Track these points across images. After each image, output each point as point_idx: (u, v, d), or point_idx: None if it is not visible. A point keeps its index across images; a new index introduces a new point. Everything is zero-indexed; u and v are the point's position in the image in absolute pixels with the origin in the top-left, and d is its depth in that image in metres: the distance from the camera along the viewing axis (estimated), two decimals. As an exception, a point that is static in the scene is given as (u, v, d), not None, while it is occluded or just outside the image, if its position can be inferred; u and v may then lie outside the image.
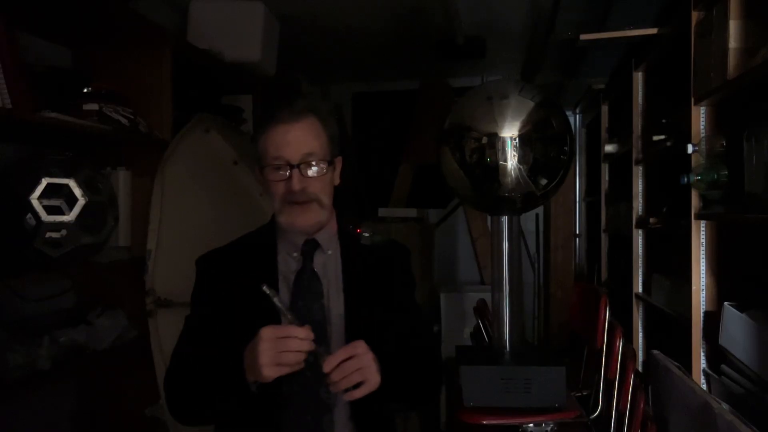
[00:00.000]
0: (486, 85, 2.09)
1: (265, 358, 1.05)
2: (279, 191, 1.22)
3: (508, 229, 1.72)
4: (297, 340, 1.07)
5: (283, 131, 1.22)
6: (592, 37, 2.67)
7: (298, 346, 1.06)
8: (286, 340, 1.06)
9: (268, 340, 1.06)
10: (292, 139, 1.21)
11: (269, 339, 1.06)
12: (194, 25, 2.75)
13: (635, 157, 2.84)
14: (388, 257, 1.37)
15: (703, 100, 1.96)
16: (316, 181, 1.23)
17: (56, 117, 1.79)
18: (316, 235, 1.29)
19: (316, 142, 1.24)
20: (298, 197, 1.21)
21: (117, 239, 2.16)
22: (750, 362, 1.67)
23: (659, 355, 2.15)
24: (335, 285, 1.28)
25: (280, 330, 1.08)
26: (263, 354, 1.06)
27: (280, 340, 1.06)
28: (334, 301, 1.27)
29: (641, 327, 2.86)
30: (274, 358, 1.06)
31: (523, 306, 1.84)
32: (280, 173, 1.21)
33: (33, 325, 1.97)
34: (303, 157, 1.21)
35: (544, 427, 1.67)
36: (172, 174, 2.19)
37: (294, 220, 1.23)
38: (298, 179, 1.20)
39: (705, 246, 2.01)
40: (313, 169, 1.22)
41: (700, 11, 2.00)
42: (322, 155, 1.24)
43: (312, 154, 1.23)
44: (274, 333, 1.07)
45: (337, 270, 1.30)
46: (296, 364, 1.07)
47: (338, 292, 1.28)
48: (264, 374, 1.06)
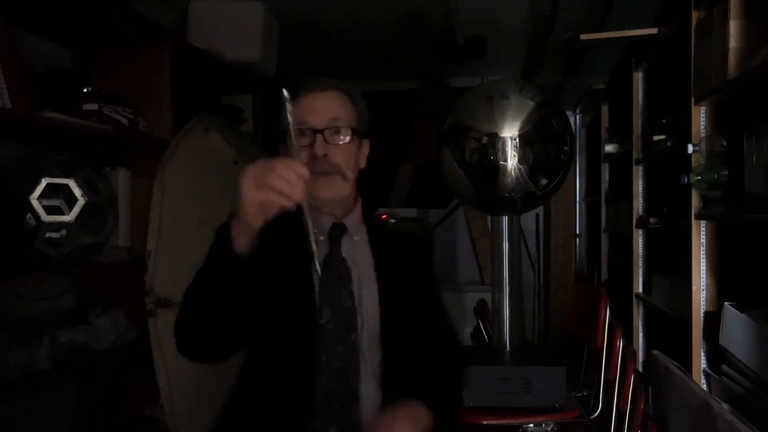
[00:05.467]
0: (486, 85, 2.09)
1: (247, 178, 0.96)
2: (302, 160, 1.14)
3: (508, 229, 1.72)
4: (285, 164, 0.96)
5: (309, 99, 1.19)
6: (592, 37, 2.67)
7: (285, 170, 0.95)
8: (275, 165, 0.96)
9: (257, 164, 0.97)
10: (318, 105, 1.18)
11: (258, 163, 0.97)
12: (194, 25, 2.75)
13: (635, 157, 2.84)
14: (415, 244, 1.36)
15: (703, 100, 1.96)
16: (340, 151, 1.19)
17: (56, 117, 1.79)
18: (344, 219, 1.25)
19: (342, 110, 1.21)
20: (320, 166, 1.16)
21: (117, 239, 2.15)
22: (750, 362, 1.67)
23: (659, 355, 2.15)
24: (366, 272, 1.24)
25: (272, 159, 0.98)
26: (246, 175, 0.96)
27: (268, 163, 0.96)
28: (365, 288, 1.22)
29: (641, 327, 2.86)
30: (256, 178, 0.95)
31: (523, 306, 1.84)
32: (304, 139, 1.16)
33: (33, 325, 1.97)
34: (328, 122, 1.17)
35: (544, 427, 1.67)
36: (172, 174, 2.19)
37: (316, 191, 1.16)
38: (321, 144, 1.16)
39: (705, 246, 2.01)
40: (338, 136, 1.18)
41: (700, 11, 2.00)
42: (347, 123, 1.20)
43: (337, 119, 1.18)
44: (264, 160, 0.98)
45: (367, 256, 1.26)
46: (280, 192, 0.95)
47: (370, 278, 1.23)
48: (243, 196, 0.96)
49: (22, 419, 1.92)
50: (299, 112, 1.17)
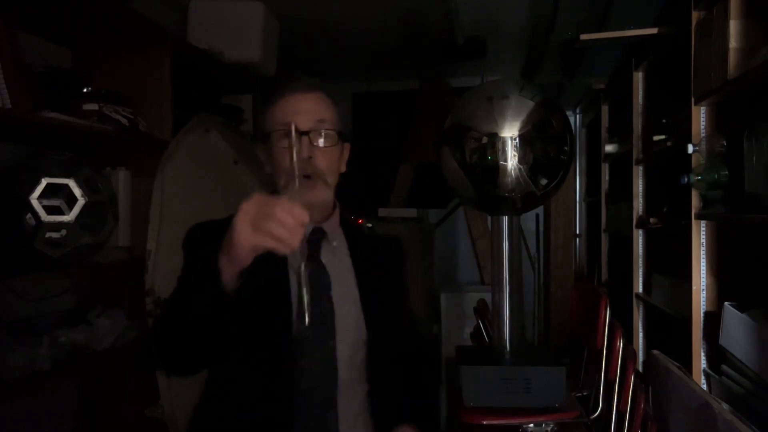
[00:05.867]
0: (486, 85, 2.09)
1: (242, 219, 0.91)
2: (284, 163, 1.13)
3: (508, 229, 1.72)
4: (285, 208, 0.90)
5: (294, 100, 1.17)
6: (592, 37, 2.67)
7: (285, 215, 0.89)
8: (272, 206, 0.90)
9: (253, 202, 0.92)
10: (303, 107, 1.17)
11: (255, 201, 0.92)
12: (194, 25, 2.75)
13: (635, 157, 2.84)
14: (391, 249, 1.36)
15: (703, 100, 1.96)
16: (324, 155, 1.17)
17: (56, 117, 1.79)
18: (323, 224, 1.25)
19: (327, 113, 1.19)
20: (305, 169, 1.13)
21: (117, 239, 2.15)
22: (750, 362, 1.67)
23: (659, 355, 2.15)
24: (345, 276, 1.24)
25: (269, 198, 0.93)
26: (242, 215, 0.91)
27: (267, 206, 0.91)
28: (344, 294, 1.22)
29: (641, 327, 2.86)
30: (254, 220, 0.90)
31: (523, 306, 1.84)
32: (287, 140, 1.11)
33: (33, 325, 1.97)
34: (314, 124, 1.16)
35: (544, 427, 1.67)
36: (172, 174, 2.19)
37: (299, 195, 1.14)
38: (307, 146, 1.14)
39: (705, 246, 2.01)
40: (323, 139, 1.17)
41: (700, 11, 2.00)
42: (332, 126, 1.19)
43: (324, 121, 1.17)
44: (261, 197, 0.93)
45: (346, 261, 1.26)
46: (278, 239, 0.90)
47: (350, 284, 1.23)
48: (236, 238, 0.91)
49: (22, 419, 1.92)
50: (282, 113, 1.16)
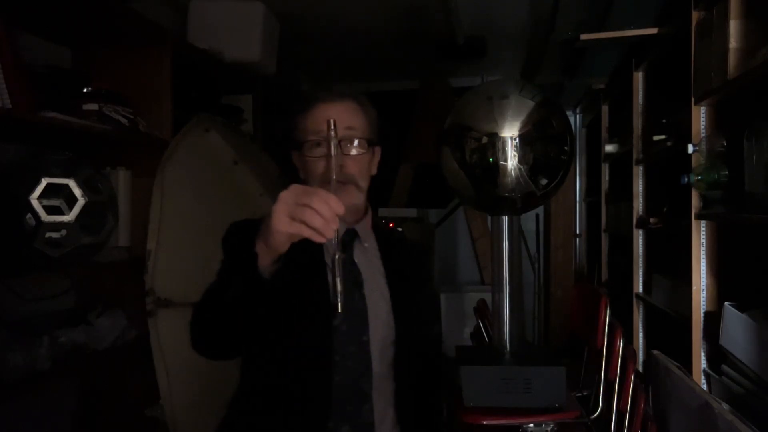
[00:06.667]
0: (486, 85, 2.08)
1: (281, 207, 0.92)
2: (317, 170, 1.19)
3: (508, 229, 1.71)
4: (322, 198, 0.91)
5: (323, 109, 1.21)
6: (592, 37, 2.67)
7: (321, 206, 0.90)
8: (310, 195, 0.92)
9: (291, 192, 0.93)
10: (332, 115, 1.16)
11: (293, 191, 0.93)
12: (194, 25, 2.75)
13: (635, 157, 2.84)
14: (420, 255, 1.42)
15: (703, 100, 1.96)
16: (354, 162, 1.23)
17: (56, 117, 1.79)
18: (355, 226, 1.28)
19: (356, 121, 1.24)
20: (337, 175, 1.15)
21: (117, 239, 2.15)
22: (750, 362, 1.67)
23: (659, 355, 2.15)
24: (376, 277, 1.28)
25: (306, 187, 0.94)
26: (280, 203, 0.93)
27: (304, 195, 0.92)
28: (376, 292, 1.26)
29: (641, 327, 2.86)
30: (290, 209, 0.92)
31: (523, 306, 1.84)
32: (318, 149, 1.19)
33: (33, 325, 1.97)
34: (343, 133, 1.19)
35: (544, 427, 1.66)
36: (172, 174, 2.19)
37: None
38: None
39: (705, 246, 2.01)
40: (353, 146, 1.22)
41: (700, 11, 2.00)
42: (361, 134, 1.24)
43: (353, 128, 1.22)
44: (299, 187, 0.94)
45: (377, 263, 1.30)
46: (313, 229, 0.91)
47: (381, 283, 1.27)
48: (273, 225, 0.92)
49: (22, 419, 1.92)
50: (313, 123, 1.21)
